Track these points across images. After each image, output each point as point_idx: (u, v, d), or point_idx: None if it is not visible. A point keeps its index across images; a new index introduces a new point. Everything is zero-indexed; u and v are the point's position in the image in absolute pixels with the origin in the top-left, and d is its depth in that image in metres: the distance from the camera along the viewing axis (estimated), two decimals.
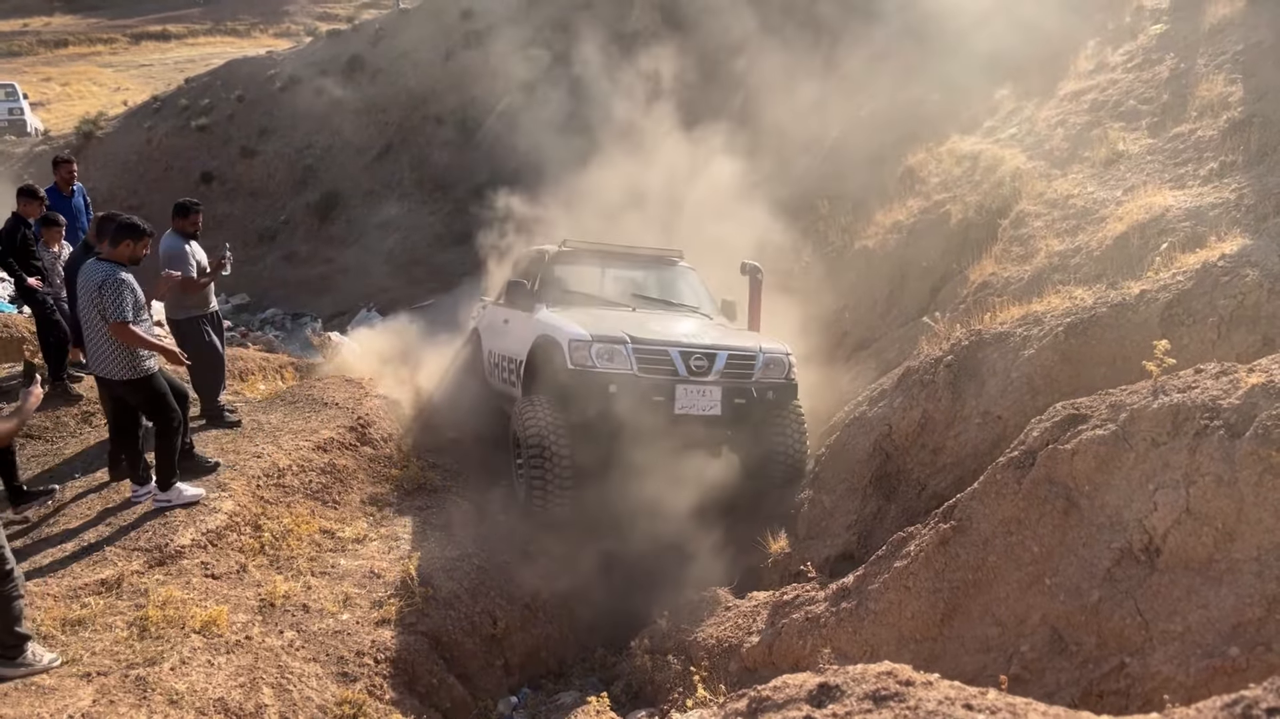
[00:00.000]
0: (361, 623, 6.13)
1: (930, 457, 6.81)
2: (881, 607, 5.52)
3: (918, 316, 8.80)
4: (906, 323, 9.03)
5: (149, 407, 6.51)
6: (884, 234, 10.40)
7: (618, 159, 13.72)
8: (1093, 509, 4.81)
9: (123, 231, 6.39)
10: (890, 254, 10.00)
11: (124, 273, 6.32)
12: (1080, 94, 10.31)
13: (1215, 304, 5.85)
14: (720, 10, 17.72)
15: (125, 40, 56.78)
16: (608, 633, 7.40)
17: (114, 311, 6.16)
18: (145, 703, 4.70)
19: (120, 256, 6.40)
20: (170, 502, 6.57)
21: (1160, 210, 7.09)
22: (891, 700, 3.38)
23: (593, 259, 9.49)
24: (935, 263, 9.32)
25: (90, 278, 6.28)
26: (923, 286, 9.34)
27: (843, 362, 9.04)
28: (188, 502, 6.63)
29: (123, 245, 6.39)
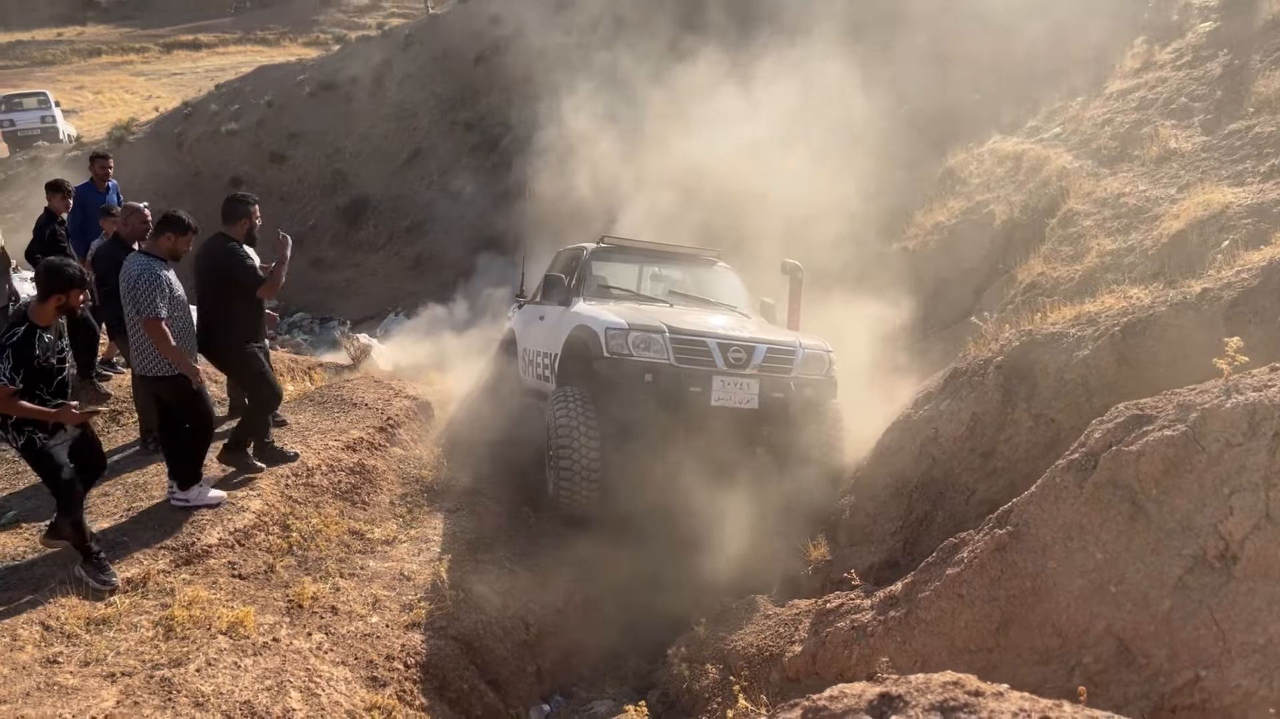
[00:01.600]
0: (391, 626, 5.95)
1: (979, 461, 6.56)
2: (933, 615, 5.27)
3: (961, 319, 8.56)
4: (949, 325, 8.79)
5: (185, 405, 6.37)
6: (924, 235, 10.16)
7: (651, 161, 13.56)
8: (1161, 514, 4.56)
9: (165, 224, 6.28)
10: (931, 256, 9.76)
11: (162, 269, 6.19)
12: (1127, 93, 10.05)
13: None
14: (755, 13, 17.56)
15: (157, 49, 57.35)
16: (642, 640, 7.18)
17: (147, 308, 6.03)
18: (170, 705, 4.53)
19: (160, 250, 6.30)
20: (189, 502, 6.43)
21: (1220, 207, 6.83)
22: (960, 712, 3.16)
23: (630, 256, 9.34)
24: (978, 264, 9.08)
25: (128, 270, 6.16)
26: (965, 289, 9.09)
27: (884, 364, 8.79)
28: (208, 504, 6.48)
29: (164, 239, 6.28)
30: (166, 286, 6.13)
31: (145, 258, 6.21)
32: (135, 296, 6.05)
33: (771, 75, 14.59)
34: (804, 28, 15.75)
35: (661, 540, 7.23)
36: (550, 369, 8.59)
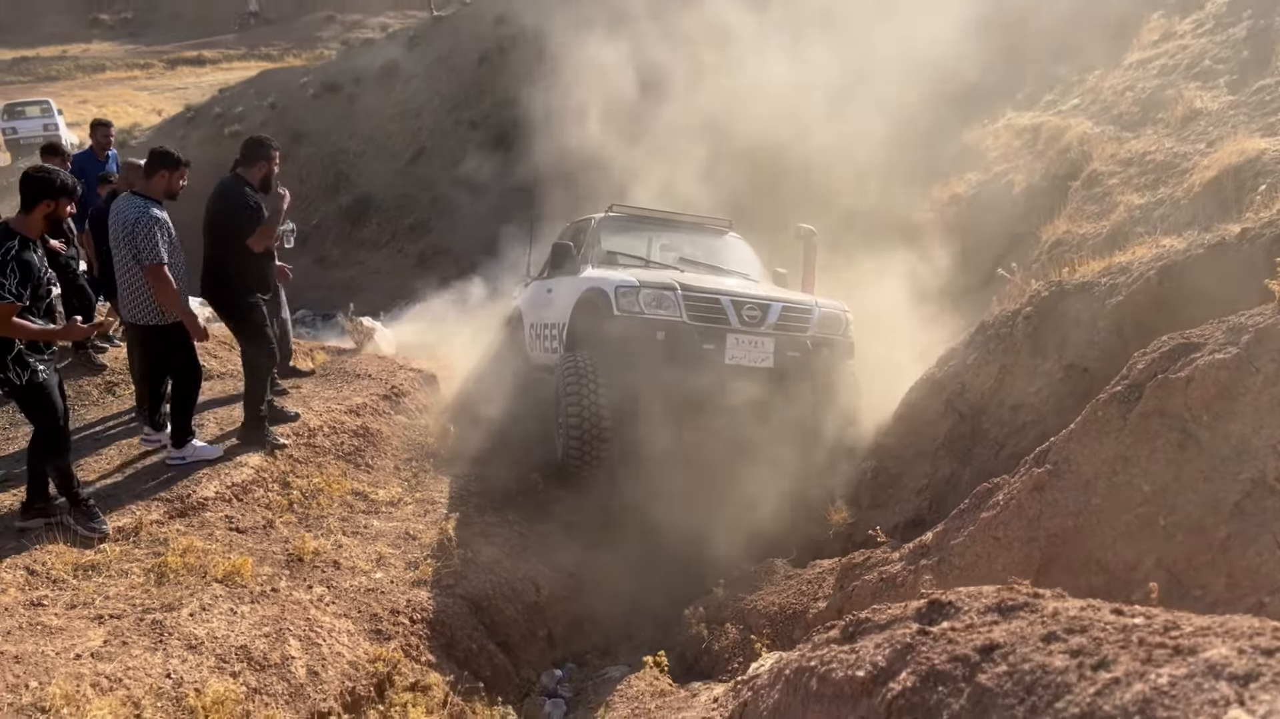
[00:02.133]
0: (396, 582, 5.68)
1: (1009, 414, 6.29)
2: (967, 561, 5.00)
3: (981, 286, 8.30)
4: (969, 292, 8.53)
5: (176, 356, 6.13)
6: (941, 207, 9.92)
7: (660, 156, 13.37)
8: (1214, 440, 4.29)
9: (156, 161, 6.03)
10: (950, 226, 9.51)
11: (157, 209, 5.96)
12: (1147, 62, 9.83)
13: None
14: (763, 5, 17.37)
15: (161, 65, 57.44)
16: (656, 608, 6.89)
17: (149, 253, 5.78)
18: (161, 646, 4.27)
19: (155, 190, 6.05)
20: (184, 459, 6.17)
21: (1255, 154, 6.59)
22: (1022, 611, 2.88)
23: (640, 225, 9.11)
24: (999, 231, 8.83)
25: (124, 214, 5.91)
26: (985, 257, 8.84)
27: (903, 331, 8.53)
28: (204, 458, 6.22)
29: (158, 177, 6.04)
30: (166, 229, 5.89)
31: (140, 199, 5.96)
32: (135, 241, 5.80)
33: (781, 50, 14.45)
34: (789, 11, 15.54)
35: (675, 506, 6.96)
36: (559, 339, 8.35)
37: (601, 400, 7.09)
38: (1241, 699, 1.97)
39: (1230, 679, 2.04)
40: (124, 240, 5.87)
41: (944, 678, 2.61)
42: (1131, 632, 2.42)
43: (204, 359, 8.50)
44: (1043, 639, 2.54)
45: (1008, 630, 2.69)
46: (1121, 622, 2.52)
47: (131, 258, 5.88)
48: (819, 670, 3.07)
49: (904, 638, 2.90)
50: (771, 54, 14.11)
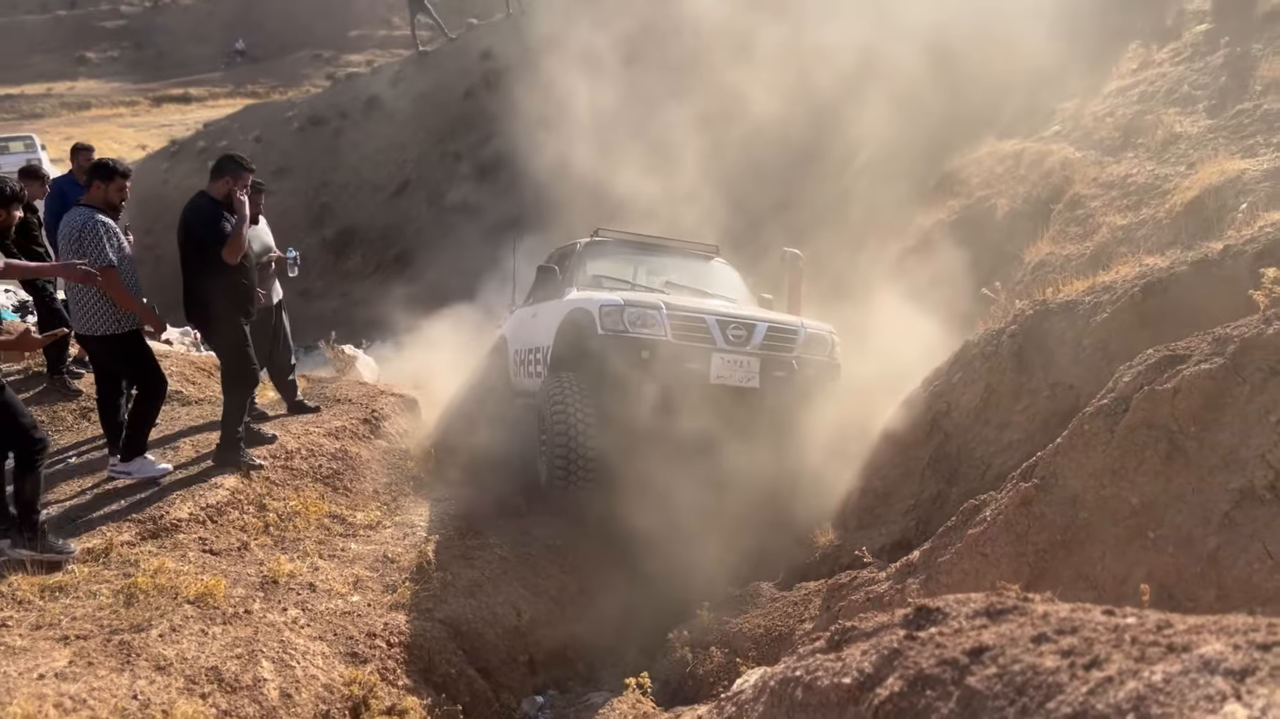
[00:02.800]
0: (373, 605, 5.56)
1: (995, 433, 6.24)
2: (955, 578, 4.92)
3: (965, 307, 8.28)
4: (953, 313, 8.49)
5: (132, 367, 6.03)
6: (925, 233, 9.93)
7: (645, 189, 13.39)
8: (1201, 450, 4.25)
9: (93, 172, 6.04)
10: (934, 250, 9.52)
11: (103, 216, 5.90)
12: (1126, 89, 9.91)
13: None
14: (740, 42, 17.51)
15: (147, 102, 57.43)
16: (640, 634, 6.77)
17: (97, 256, 5.71)
18: (129, 667, 4.15)
19: (95, 200, 6.00)
20: (130, 474, 6.03)
21: (1235, 174, 6.62)
22: (1011, 614, 2.80)
23: (625, 250, 9.08)
24: (983, 254, 8.83)
25: (70, 223, 5.87)
26: (969, 279, 8.82)
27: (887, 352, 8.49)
28: (151, 476, 6.07)
29: (94, 188, 6.02)
30: (114, 235, 5.82)
31: (85, 208, 5.94)
32: (83, 247, 5.74)
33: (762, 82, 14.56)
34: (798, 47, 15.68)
35: (659, 529, 6.86)
36: (543, 363, 8.28)
37: (588, 426, 7.02)
38: (1238, 694, 1.90)
39: (1226, 674, 1.98)
40: (73, 250, 5.81)
41: (932, 682, 2.53)
42: (1124, 631, 2.35)
43: (182, 385, 8.42)
44: (1033, 640, 2.47)
45: (997, 633, 2.61)
46: (1113, 622, 2.45)
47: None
48: (804, 680, 2.99)
49: (891, 644, 2.82)
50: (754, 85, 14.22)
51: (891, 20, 14.32)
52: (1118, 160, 8.52)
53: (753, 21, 16.40)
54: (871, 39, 13.96)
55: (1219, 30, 9.78)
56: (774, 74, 14.03)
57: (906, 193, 11.31)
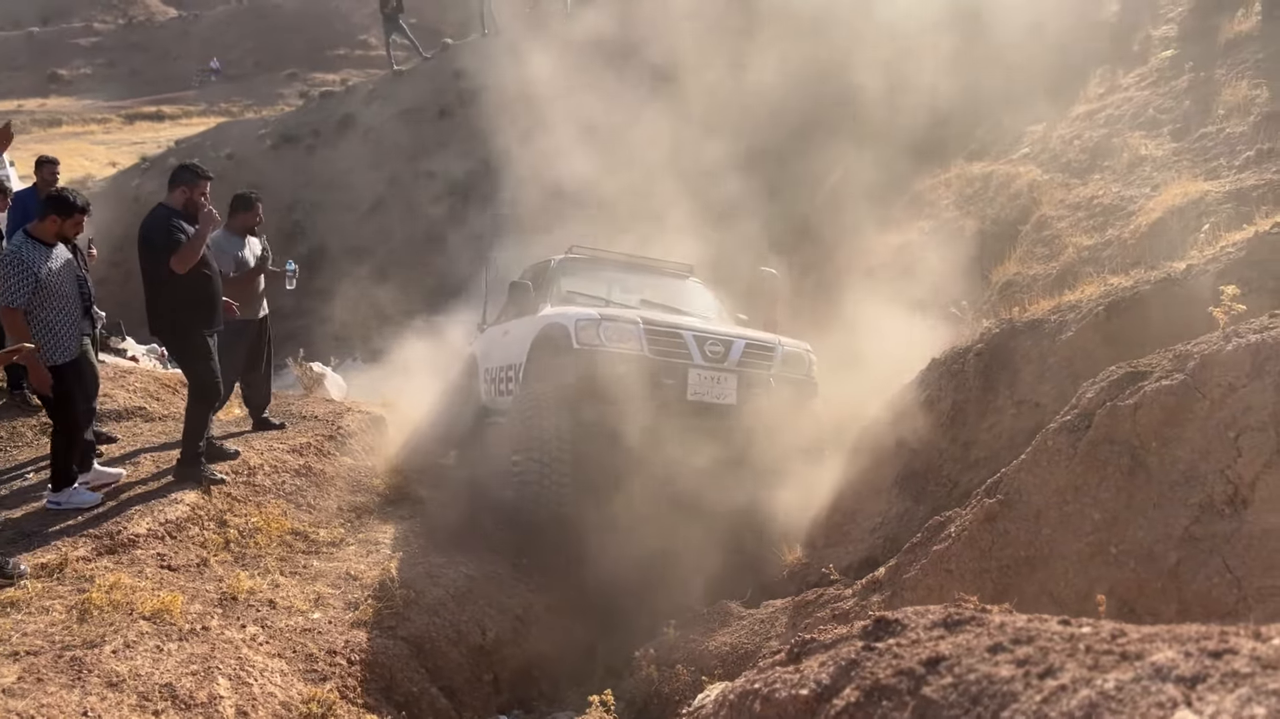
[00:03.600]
0: (335, 623, 5.48)
1: (961, 451, 6.26)
2: (920, 594, 4.91)
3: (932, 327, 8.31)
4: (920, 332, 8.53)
5: (49, 398, 5.89)
6: (892, 253, 9.99)
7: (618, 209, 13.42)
8: (1162, 466, 4.27)
9: (48, 205, 5.89)
10: (903, 270, 9.57)
11: (29, 249, 5.71)
12: (1094, 113, 10.03)
13: (1273, 270, 5.40)
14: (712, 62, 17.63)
15: (119, 120, 56.93)
16: (606, 653, 6.72)
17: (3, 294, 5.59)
18: (79, 684, 4.06)
19: (45, 234, 5.85)
20: (60, 505, 5.86)
21: (1198, 195, 6.71)
22: (968, 625, 2.79)
23: (600, 268, 9.04)
24: (950, 275, 8.87)
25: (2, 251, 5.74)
26: (936, 299, 8.87)
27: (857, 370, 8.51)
28: (81, 506, 5.88)
29: (48, 221, 5.85)
30: (31, 277, 5.63)
31: (23, 238, 5.77)
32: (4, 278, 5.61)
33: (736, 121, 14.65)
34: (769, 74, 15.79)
35: (628, 548, 6.81)
36: (515, 381, 8.21)
37: (559, 438, 6.96)
38: (1189, 700, 1.90)
39: (1178, 681, 1.97)
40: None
41: (888, 692, 2.51)
42: (1078, 640, 2.34)
43: (146, 401, 8.32)
44: (989, 650, 2.46)
45: (954, 643, 2.60)
46: (1069, 631, 2.45)
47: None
48: (763, 692, 2.96)
49: (849, 655, 2.80)
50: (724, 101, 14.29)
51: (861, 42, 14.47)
52: (1084, 182, 8.61)
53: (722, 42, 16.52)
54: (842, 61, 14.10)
55: (1184, 56, 9.93)
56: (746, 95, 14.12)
57: (876, 214, 11.37)
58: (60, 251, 5.98)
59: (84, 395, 5.98)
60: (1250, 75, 8.38)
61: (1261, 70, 8.38)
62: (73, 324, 5.95)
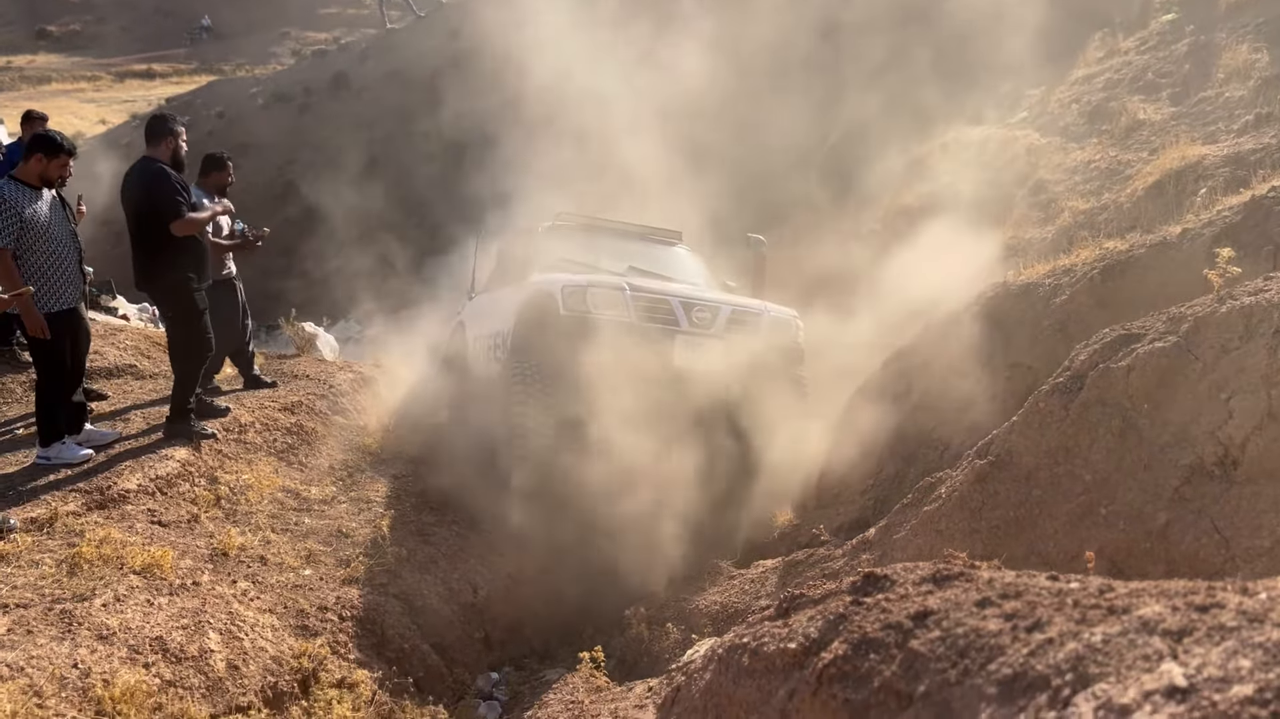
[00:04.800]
0: (326, 579, 5.50)
1: (954, 414, 6.25)
2: (909, 554, 4.92)
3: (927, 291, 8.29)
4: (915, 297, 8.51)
5: (34, 346, 5.83)
6: (892, 217, 9.95)
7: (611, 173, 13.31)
8: (1153, 428, 4.27)
9: (34, 144, 5.77)
10: (899, 235, 9.53)
11: (12, 189, 5.60)
12: (1092, 77, 9.97)
13: (1269, 233, 5.38)
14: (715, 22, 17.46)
15: (109, 78, 56.31)
16: (597, 612, 6.74)
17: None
18: (69, 636, 4.06)
19: (29, 175, 5.72)
20: (49, 460, 5.80)
21: (1195, 159, 6.67)
22: (957, 580, 2.79)
23: (588, 234, 8.96)
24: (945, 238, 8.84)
25: None
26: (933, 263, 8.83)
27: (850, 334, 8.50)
28: (70, 462, 5.83)
29: (33, 161, 5.71)
30: (15, 216, 5.54)
31: (6, 180, 5.65)
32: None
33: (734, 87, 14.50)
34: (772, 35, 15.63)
35: (618, 508, 6.82)
36: (503, 348, 8.17)
37: (547, 404, 6.94)
38: (1175, 653, 1.90)
39: (1164, 635, 1.97)
40: None
41: (876, 645, 2.51)
42: (1066, 595, 2.34)
43: (136, 359, 8.29)
44: (977, 604, 2.46)
45: (942, 598, 2.60)
46: (1057, 587, 2.45)
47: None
48: (751, 646, 2.97)
49: (837, 609, 2.80)
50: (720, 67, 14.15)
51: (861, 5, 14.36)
52: (1082, 146, 8.57)
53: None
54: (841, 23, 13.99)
55: (1184, 19, 9.86)
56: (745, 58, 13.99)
57: (874, 178, 11.32)
58: (48, 195, 5.87)
59: (74, 350, 5.92)
60: (1251, 39, 8.32)
61: (1262, 34, 8.32)
62: (67, 271, 5.88)
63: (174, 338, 6.46)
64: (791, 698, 2.63)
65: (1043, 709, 1.92)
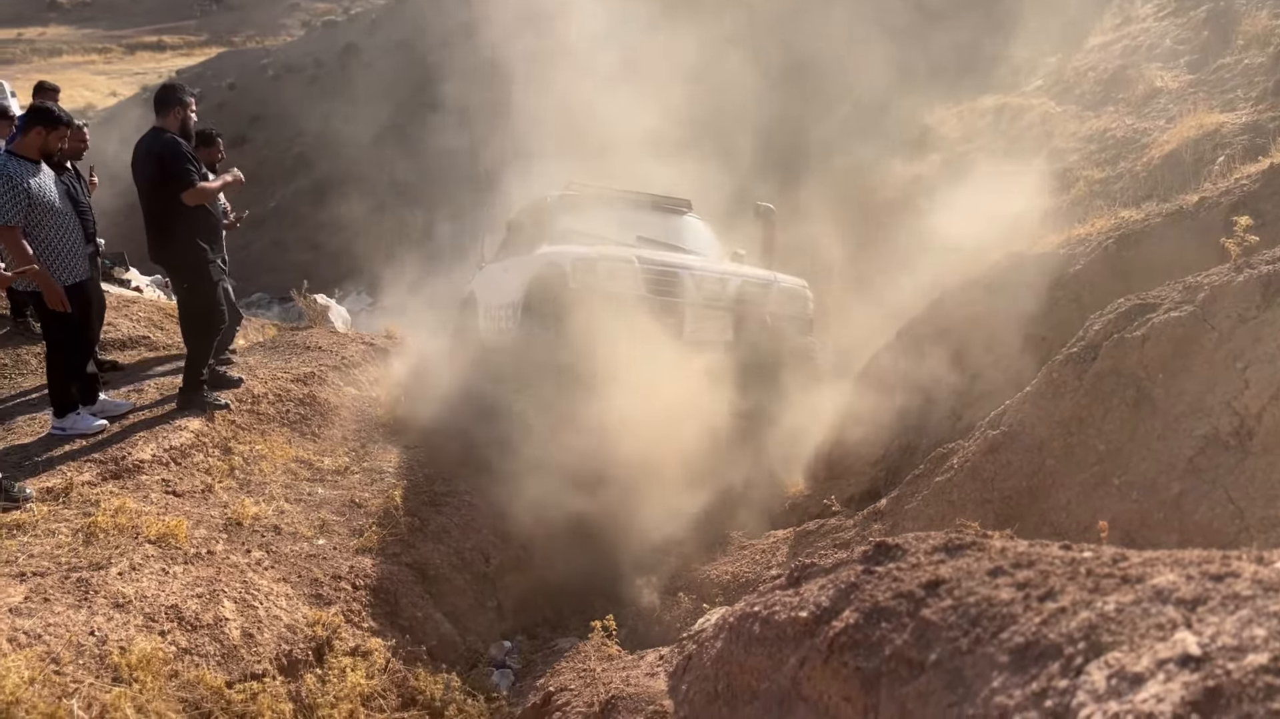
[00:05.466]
0: (339, 549, 5.52)
1: (966, 384, 6.24)
2: (921, 524, 4.92)
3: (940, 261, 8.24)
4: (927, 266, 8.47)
5: (46, 318, 5.83)
6: (904, 185, 9.87)
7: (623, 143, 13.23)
8: (1168, 398, 4.25)
9: (34, 118, 5.71)
10: (911, 205, 9.46)
11: (14, 165, 5.55)
12: (1109, 45, 9.85)
13: None
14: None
15: (120, 50, 56.31)
16: (609, 582, 6.76)
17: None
18: (86, 604, 4.10)
19: (28, 149, 5.66)
20: (65, 430, 5.83)
21: (1213, 127, 6.59)
22: (969, 550, 2.79)
23: (598, 203, 8.93)
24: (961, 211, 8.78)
25: None
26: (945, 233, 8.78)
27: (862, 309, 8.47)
28: (85, 432, 5.86)
29: (33, 133, 5.63)
30: (22, 191, 5.51)
31: (6, 156, 5.60)
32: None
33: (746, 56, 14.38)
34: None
35: (630, 482, 6.83)
36: (514, 319, 8.16)
37: (557, 376, 6.94)
38: (1189, 622, 1.89)
39: (1178, 604, 1.96)
40: None
41: (887, 614, 2.51)
42: (1079, 564, 2.33)
43: (150, 330, 8.31)
44: (989, 573, 2.45)
45: (954, 567, 2.59)
46: (1070, 556, 2.44)
47: None
48: (762, 615, 2.97)
49: (849, 578, 2.80)
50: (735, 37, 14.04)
51: None
52: (1097, 115, 8.48)
53: None
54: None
55: None
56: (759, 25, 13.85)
57: (886, 147, 11.23)
58: (47, 170, 5.85)
59: (86, 322, 5.94)
60: (1271, 5, 8.20)
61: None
62: (74, 244, 5.87)
63: (187, 309, 6.47)
64: (803, 666, 2.63)
65: (1055, 678, 1.92)
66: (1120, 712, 1.67)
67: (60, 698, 3.46)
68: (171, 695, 3.86)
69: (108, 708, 3.54)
